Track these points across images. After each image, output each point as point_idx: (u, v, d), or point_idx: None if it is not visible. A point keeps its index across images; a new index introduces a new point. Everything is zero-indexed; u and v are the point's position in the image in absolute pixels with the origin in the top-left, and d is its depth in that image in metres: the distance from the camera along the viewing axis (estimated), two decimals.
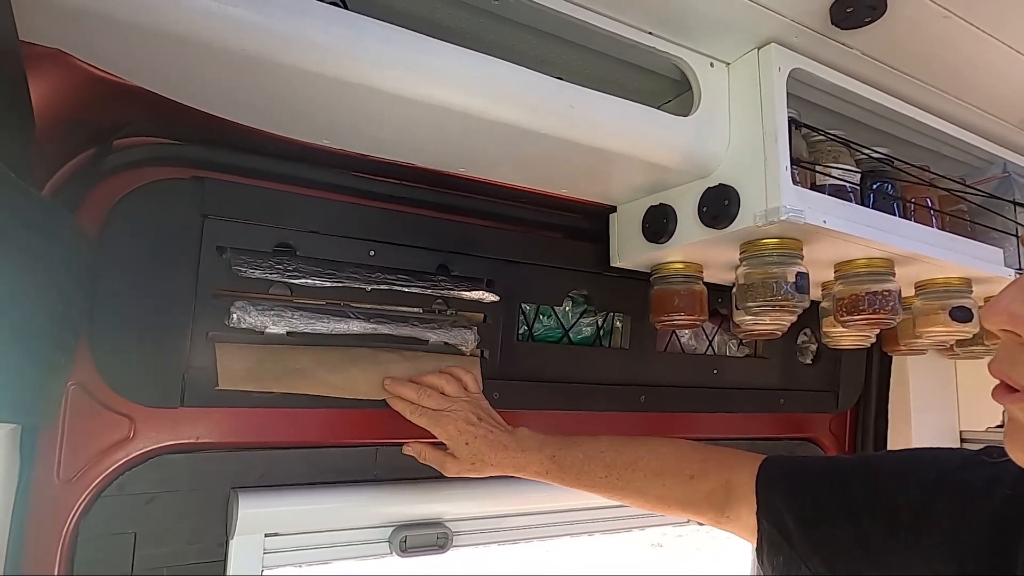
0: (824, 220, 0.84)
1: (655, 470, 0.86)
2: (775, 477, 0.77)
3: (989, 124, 1.08)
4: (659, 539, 8.11)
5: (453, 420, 0.85)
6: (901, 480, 0.65)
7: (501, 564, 6.96)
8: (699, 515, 0.85)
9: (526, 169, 0.92)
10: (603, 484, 0.87)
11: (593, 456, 0.87)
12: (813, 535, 0.69)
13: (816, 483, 0.73)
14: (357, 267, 0.90)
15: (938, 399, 1.48)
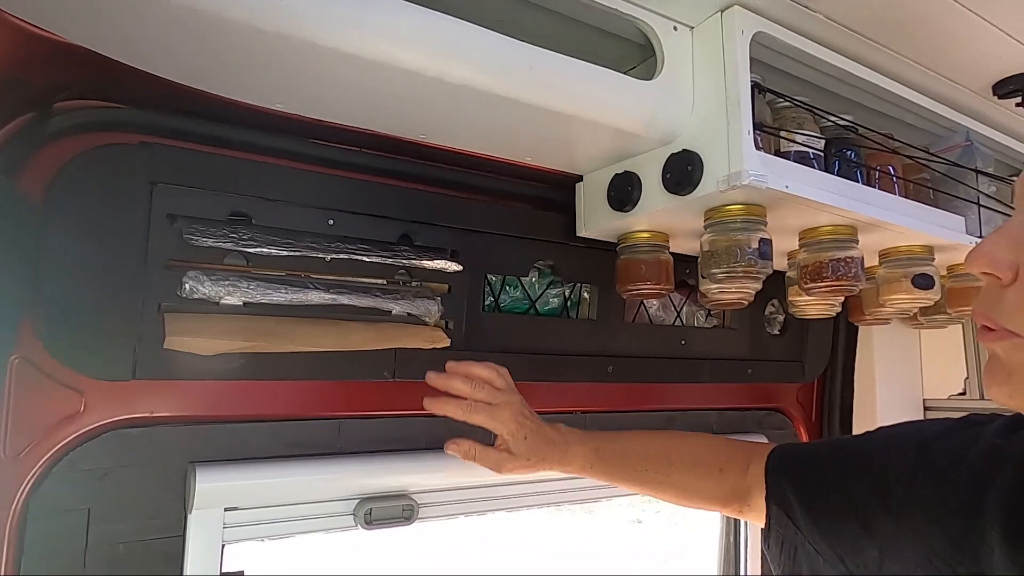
0: (787, 185, 0.84)
1: (689, 463, 0.88)
2: (781, 460, 0.79)
3: (953, 92, 1.08)
4: (639, 516, 8.26)
5: (512, 414, 0.81)
6: (889, 454, 0.67)
7: (485, 544, 7.05)
8: (727, 507, 0.86)
9: (489, 136, 0.90)
10: (642, 478, 0.87)
11: (631, 450, 0.88)
12: (813, 512, 0.70)
13: (816, 462, 0.76)
14: (316, 236, 0.88)
15: (902, 368, 1.51)
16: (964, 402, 1.48)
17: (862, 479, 0.67)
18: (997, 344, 0.47)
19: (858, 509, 0.65)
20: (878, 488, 0.65)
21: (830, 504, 0.69)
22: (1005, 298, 0.46)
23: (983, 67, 1.03)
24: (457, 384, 0.81)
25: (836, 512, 0.68)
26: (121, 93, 0.79)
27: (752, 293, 1.04)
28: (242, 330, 0.82)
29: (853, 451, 0.73)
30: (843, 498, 0.68)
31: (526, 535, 7.48)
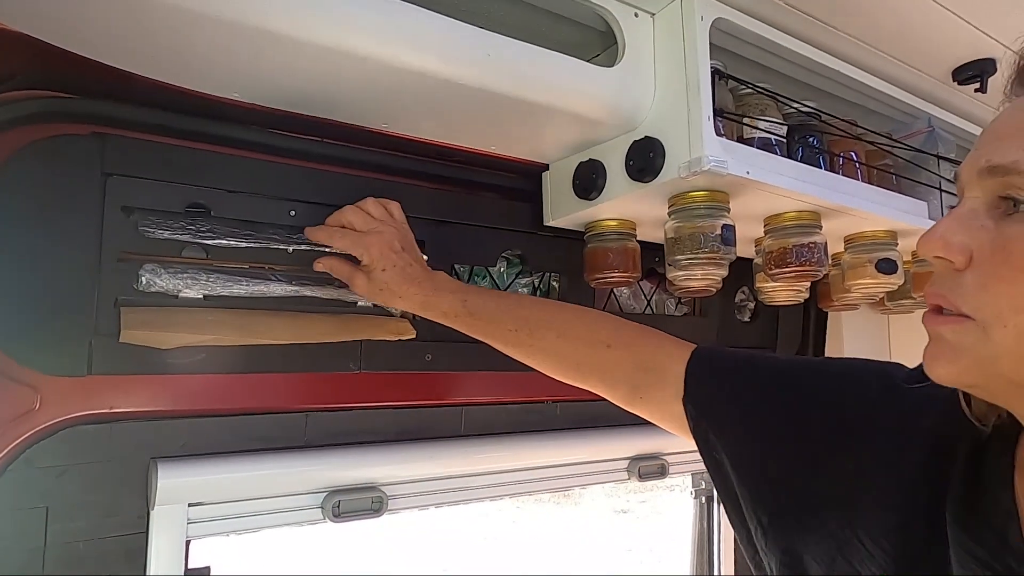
0: (748, 171, 0.84)
1: (569, 334, 0.81)
2: (709, 364, 0.73)
3: (914, 78, 1.09)
4: (623, 506, 8.33)
5: (376, 242, 0.81)
6: (849, 382, 0.64)
7: (466, 537, 7.06)
8: (611, 389, 0.80)
9: (451, 124, 0.90)
10: (512, 338, 0.82)
11: (506, 308, 0.83)
12: (752, 424, 0.66)
13: (759, 373, 0.71)
14: (277, 228, 0.87)
15: (871, 353, 1.52)
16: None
17: (816, 401, 0.64)
18: (946, 327, 0.47)
19: (809, 433, 0.62)
20: (834, 412, 0.62)
21: (775, 422, 0.65)
22: (962, 282, 0.47)
23: (942, 53, 1.05)
24: (347, 215, 0.84)
25: (783, 433, 0.64)
26: (71, 83, 0.77)
27: (719, 280, 1.05)
28: (201, 323, 0.81)
29: (805, 370, 0.69)
30: (791, 418, 0.64)
31: (509, 527, 7.51)
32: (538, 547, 6.85)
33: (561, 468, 1.16)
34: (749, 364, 0.73)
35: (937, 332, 0.48)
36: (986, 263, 0.46)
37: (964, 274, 0.47)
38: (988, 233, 0.46)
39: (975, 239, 0.46)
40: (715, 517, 1.37)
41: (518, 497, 8.39)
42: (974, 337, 0.46)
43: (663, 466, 1.26)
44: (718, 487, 0.69)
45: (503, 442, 1.09)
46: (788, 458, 0.62)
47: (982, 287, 0.45)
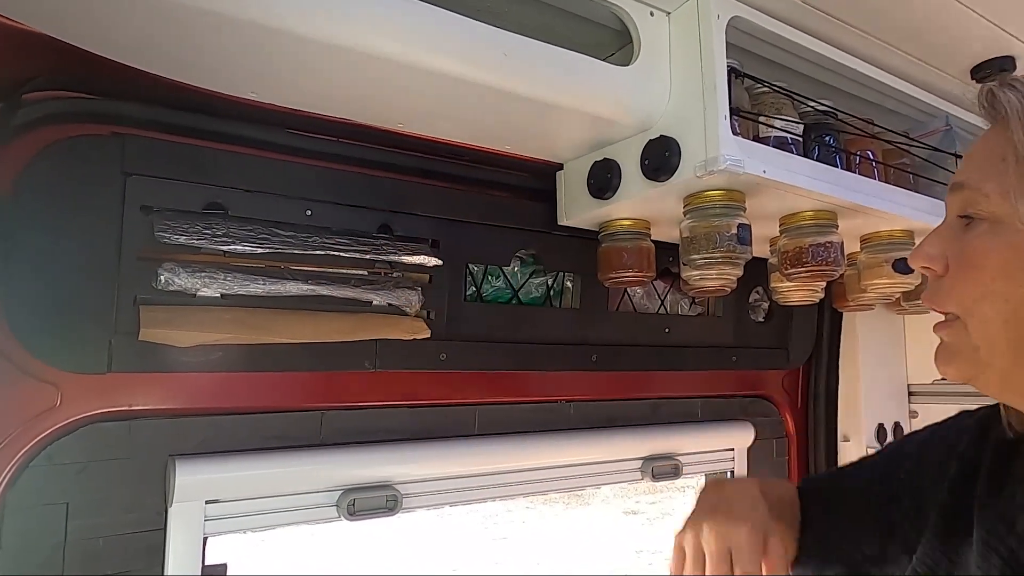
0: (764, 170, 0.84)
1: None
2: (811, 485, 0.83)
3: (931, 77, 1.08)
4: (633, 507, 8.30)
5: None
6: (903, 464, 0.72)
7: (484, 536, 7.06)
8: None
9: (467, 124, 0.90)
10: None
11: None
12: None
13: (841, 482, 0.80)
14: (293, 229, 0.87)
15: (887, 354, 1.51)
16: (947, 386, 1.49)
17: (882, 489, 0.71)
18: (942, 331, 0.58)
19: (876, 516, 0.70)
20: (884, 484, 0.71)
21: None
22: (941, 286, 0.57)
23: (961, 51, 1.03)
24: None
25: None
26: (92, 83, 0.78)
27: (734, 279, 1.04)
28: (219, 321, 0.82)
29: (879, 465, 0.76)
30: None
31: (519, 528, 7.51)
32: (548, 548, 6.84)
33: (574, 468, 1.15)
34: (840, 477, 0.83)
35: (939, 336, 0.58)
36: (955, 268, 0.56)
37: (944, 279, 0.57)
38: (957, 243, 0.56)
39: (949, 248, 0.57)
40: None
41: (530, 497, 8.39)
42: (961, 334, 0.55)
43: (677, 466, 1.25)
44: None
45: (516, 441, 1.09)
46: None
47: (952, 287, 0.56)
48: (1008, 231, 0.53)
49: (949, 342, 0.57)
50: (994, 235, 0.53)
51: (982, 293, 0.53)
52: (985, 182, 0.54)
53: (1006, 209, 0.53)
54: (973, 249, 0.54)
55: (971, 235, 0.55)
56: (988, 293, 0.53)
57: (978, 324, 0.54)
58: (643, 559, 6.57)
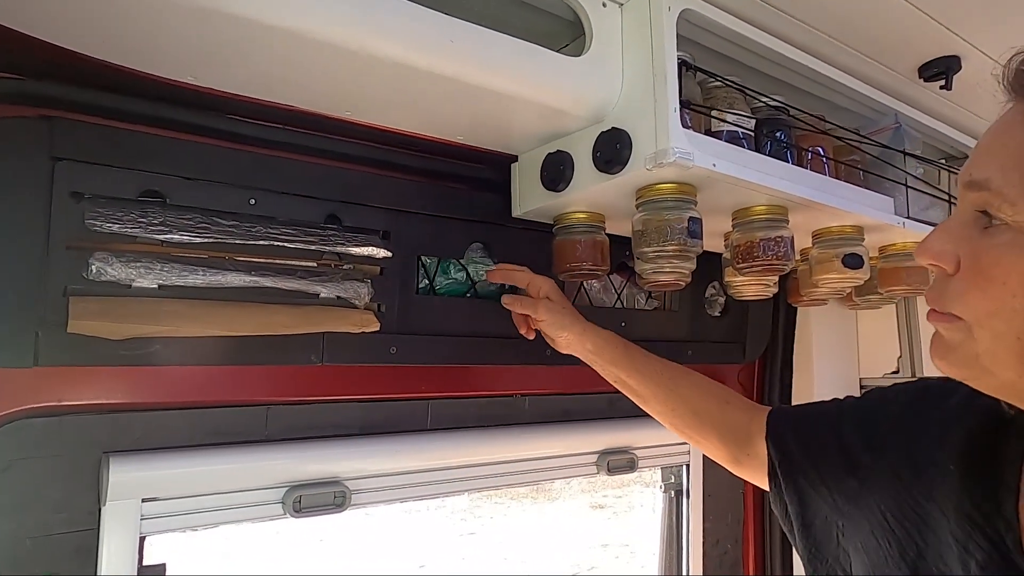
0: (714, 164, 0.84)
1: (696, 382, 0.95)
2: (782, 412, 0.85)
3: (880, 74, 1.10)
4: (600, 501, 8.37)
5: (551, 284, 1.00)
6: (881, 407, 0.73)
7: (450, 532, 7.05)
8: (722, 444, 0.89)
9: (417, 113, 0.88)
10: (648, 380, 0.95)
11: (640, 354, 0.98)
12: (809, 452, 0.76)
13: (812, 413, 0.81)
14: (235, 219, 0.84)
15: (840, 348, 1.54)
16: (899, 379, 1.52)
17: (852, 426, 0.72)
18: (941, 325, 0.53)
19: (845, 447, 0.71)
20: (863, 432, 0.71)
21: (823, 440, 0.74)
22: (949, 286, 0.52)
23: (909, 50, 1.05)
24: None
25: (825, 447, 0.73)
26: (20, 63, 0.74)
27: (687, 273, 1.04)
28: (156, 313, 0.79)
29: (846, 404, 0.78)
30: (834, 438, 0.73)
31: (487, 524, 7.51)
32: (515, 543, 6.86)
33: (529, 462, 1.15)
34: (812, 408, 0.83)
35: (936, 328, 0.54)
36: (967, 271, 0.50)
37: (953, 279, 0.52)
38: (970, 243, 0.50)
39: (961, 247, 0.51)
40: (684, 511, 1.38)
41: (492, 493, 8.33)
42: (963, 335, 0.51)
43: (632, 460, 1.26)
44: (794, 513, 0.75)
45: (470, 436, 1.08)
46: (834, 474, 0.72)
47: (963, 294, 0.51)
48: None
49: (949, 339, 0.53)
50: (1020, 248, 0.47)
51: (997, 308, 0.48)
52: (1010, 187, 0.47)
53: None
54: (993, 260, 0.49)
55: (991, 241, 0.49)
56: (1004, 309, 0.48)
57: (986, 336, 0.49)
58: (610, 552, 6.62)
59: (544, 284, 1.00)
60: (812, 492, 0.73)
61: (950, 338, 0.53)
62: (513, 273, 1.02)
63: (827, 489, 0.71)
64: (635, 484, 8.00)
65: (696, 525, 1.38)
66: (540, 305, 0.98)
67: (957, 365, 0.53)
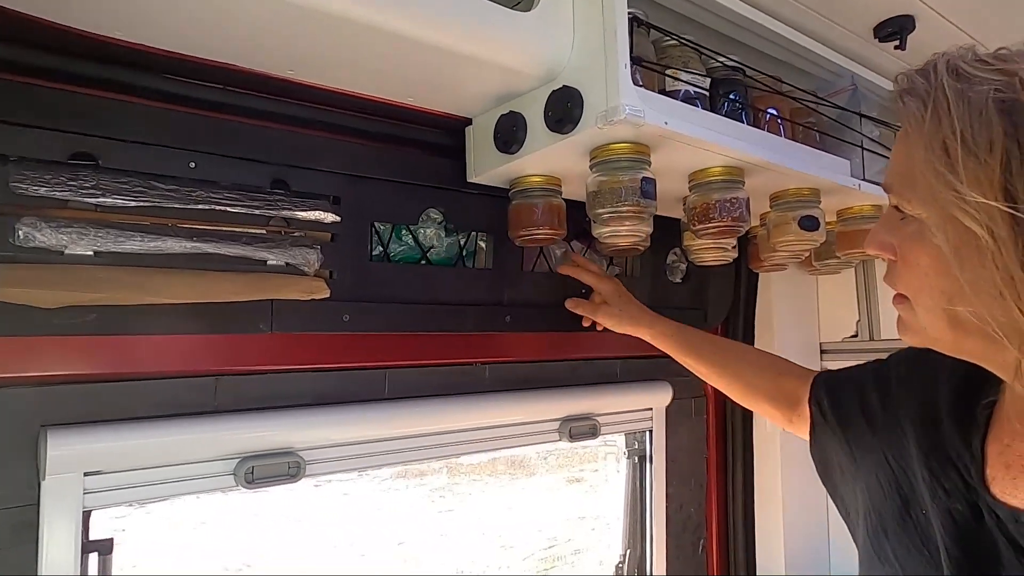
0: (666, 122, 0.83)
1: (752, 360, 1.07)
2: (822, 378, 0.91)
3: (836, 35, 1.10)
4: (577, 475, 8.47)
5: (614, 285, 1.16)
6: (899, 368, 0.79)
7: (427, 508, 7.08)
8: (775, 408, 0.98)
9: (362, 72, 0.85)
10: (710, 360, 1.07)
11: (704, 338, 1.12)
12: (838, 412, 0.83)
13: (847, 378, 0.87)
14: (174, 183, 0.81)
15: (800, 313, 1.56)
16: (857, 344, 1.55)
17: (873, 387, 0.80)
18: (897, 305, 0.63)
19: (867, 405, 0.79)
20: (881, 391, 0.79)
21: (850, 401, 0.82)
22: (894, 270, 0.61)
23: (864, 9, 1.05)
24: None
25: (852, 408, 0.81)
26: None
27: (644, 236, 1.04)
28: (92, 280, 0.76)
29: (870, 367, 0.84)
30: (859, 400, 0.81)
31: (464, 499, 7.57)
32: (492, 519, 6.92)
33: (490, 430, 1.14)
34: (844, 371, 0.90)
35: (898, 311, 0.63)
36: (899, 258, 0.60)
37: (895, 265, 0.61)
38: (896, 234, 0.60)
39: (894, 236, 0.60)
40: (648, 477, 1.39)
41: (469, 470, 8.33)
42: (909, 312, 0.61)
43: (594, 427, 1.26)
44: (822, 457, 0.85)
45: (430, 404, 1.07)
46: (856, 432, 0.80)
47: (900, 276, 0.60)
48: (929, 233, 0.55)
49: (903, 317, 0.62)
50: (922, 237, 0.56)
51: (920, 285, 0.58)
52: (904, 188, 0.58)
53: (925, 215, 0.55)
54: (908, 247, 0.58)
55: (905, 232, 0.58)
56: (926, 286, 0.57)
57: (922, 310, 0.58)
58: (586, 524, 6.72)
59: (607, 286, 1.14)
60: (833, 445, 0.82)
61: (903, 316, 0.62)
62: (582, 273, 1.15)
63: (847, 442, 0.80)
64: (611, 457, 8.10)
65: (659, 490, 1.39)
66: (600, 311, 1.13)
67: (913, 337, 0.62)
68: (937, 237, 0.54)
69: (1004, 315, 0.50)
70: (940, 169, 0.51)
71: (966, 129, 0.50)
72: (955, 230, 0.52)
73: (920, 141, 0.54)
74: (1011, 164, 0.48)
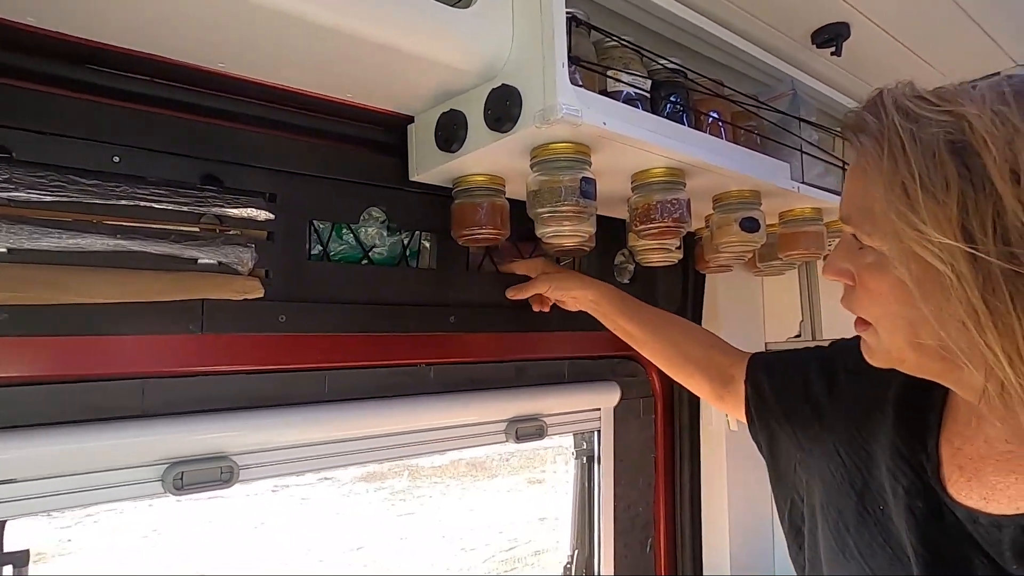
0: (604, 122, 0.83)
1: (685, 329, 1.09)
2: (760, 358, 0.94)
3: (776, 40, 1.12)
4: (538, 476, 8.50)
5: (546, 262, 1.18)
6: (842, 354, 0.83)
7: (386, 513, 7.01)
8: (706, 380, 1.00)
9: (296, 67, 0.83)
10: (642, 327, 1.07)
11: (637, 304, 1.11)
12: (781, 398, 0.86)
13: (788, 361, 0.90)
14: (96, 177, 0.78)
15: (746, 314, 1.58)
16: (800, 343, 1.59)
17: (818, 373, 0.83)
18: (859, 330, 0.65)
19: (811, 393, 0.81)
20: (826, 380, 0.81)
21: (793, 386, 0.84)
22: (853, 295, 0.63)
23: (801, 16, 1.07)
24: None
25: (795, 393, 0.83)
26: None
27: (588, 236, 1.04)
28: (3, 279, 0.72)
29: (814, 352, 0.88)
30: (802, 384, 0.83)
31: (428, 502, 7.52)
32: (453, 522, 6.89)
33: (435, 432, 1.13)
34: (783, 354, 0.93)
35: (859, 334, 0.66)
36: (858, 285, 0.62)
37: (855, 290, 0.63)
38: (854, 262, 0.62)
39: (852, 264, 0.62)
40: (596, 477, 1.40)
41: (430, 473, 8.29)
42: (873, 336, 0.63)
43: (541, 428, 1.26)
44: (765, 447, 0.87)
45: (372, 406, 1.05)
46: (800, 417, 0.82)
47: (860, 301, 0.62)
48: (891, 265, 0.56)
49: (867, 340, 0.64)
50: (881, 268, 0.58)
51: (882, 312, 0.60)
52: (863, 222, 0.59)
53: (884, 247, 0.57)
54: (867, 276, 0.60)
55: (863, 261, 0.60)
56: (887, 313, 0.59)
57: (885, 333, 0.61)
58: (547, 525, 6.74)
59: (538, 264, 1.17)
60: (780, 432, 0.83)
61: (868, 340, 0.64)
62: (515, 266, 1.18)
63: (792, 429, 0.82)
64: (560, 459, 8.15)
65: (608, 490, 1.40)
66: (542, 279, 1.12)
67: (878, 360, 0.64)
68: (899, 270, 0.55)
69: (968, 344, 0.52)
70: (901, 208, 0.52)
71: (923, 171, 0.51)
72: (917, 265, 0.53)
73: (879, 180, 0.55)
74: (967, 204, 0.49)
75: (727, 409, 0.99)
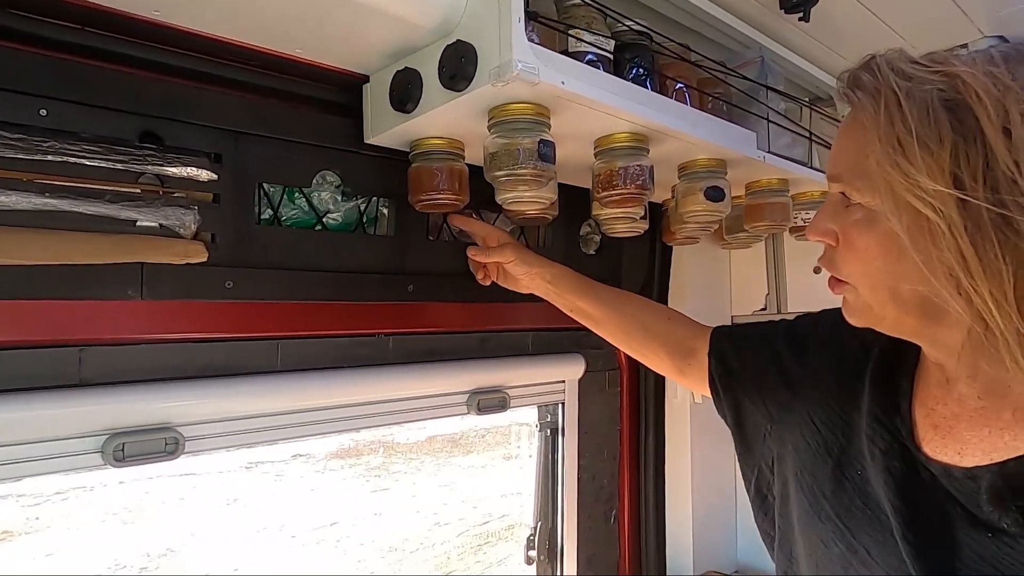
0: (563, 82, 0.80)
1: (641, 303, 1.08)
2: (724, 331, 0.93)
3: (744, 5, 1.09)
4: (514, 452, 8.56)
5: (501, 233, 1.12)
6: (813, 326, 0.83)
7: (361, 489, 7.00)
8: (667, 354, 0.99)
9: (237, 17, 0.79)
10: (598, 303, 1.05)
11: (590, 282, 1.08)
12: (748, 368, 0.86)
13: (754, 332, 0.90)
14: (20, 131, 0.73)
15: (713, 286, 1.58)
16: (766, 316, 1.59)
17: (786, 343, 0.83)
18: (838, 290, 0.66)
19: (780, 363, 0.82)
20: (796, 351, 0.81)
21: (761, 358, 0.84)
22: (835, 256, 0.64)
23: None
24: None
25: (762, 364, 0.83)
26: None
27: (549, 203, 1.02)
28: None
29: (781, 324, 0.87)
30: (771, 354, 0.83)
31: (403, 477, 7.54)
32: (428, 498, 6.91)
33: (394, 403, 1.11)
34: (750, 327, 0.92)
35: (836, 293, 0.67)
36: (842, 244, 0.63)
37: (836, 250, 0.64)
38: (840, 221, 0.63)
39: (837, 224, 0.63)
40: (560, 449, 1.39)
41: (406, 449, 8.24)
42: (854, 295, 0.64)
43: (504, 399, 1.24)
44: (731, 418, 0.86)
45: (327, 377, 1.03)
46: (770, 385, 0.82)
47: (843, 261, 0.63)
48: (881, 220, 0.58)
49: (847, 299, 0.66)
50: (869, 223, 0.60)
51: (866, 270, 0.61)
52: (855, 178, 0.60)
53: (876, 204, 0.58)
54: (855, 233, 0.61)
55: (851, 218, 0.61)
56: (872, 270, 0.61)
57: (867, 291, 0.62)
58: (521, 500, 6.80)
59: (501, 234, 1.11)
60: (747, 402, 0.84)
61: (848, 299, 0.65)
62: (472, 223, 1.12)
63: (761, 399, 0.82)
64: (536, 430, 8.20)
65: (571, 462, 1.39)
66: (507, 249, 1.07)
67: (858, 318, 0.65)
68: (891, 222, 0.56)
69: (955, 291, 0.54)
70: (896, 159, 0.54)
71: (918, 125, 0.54)
72: (909, 215, 0.55)
73: (875, 134, 0.56)
74: (959, 155, 0.52)
75: (689, 383, 0.98)
